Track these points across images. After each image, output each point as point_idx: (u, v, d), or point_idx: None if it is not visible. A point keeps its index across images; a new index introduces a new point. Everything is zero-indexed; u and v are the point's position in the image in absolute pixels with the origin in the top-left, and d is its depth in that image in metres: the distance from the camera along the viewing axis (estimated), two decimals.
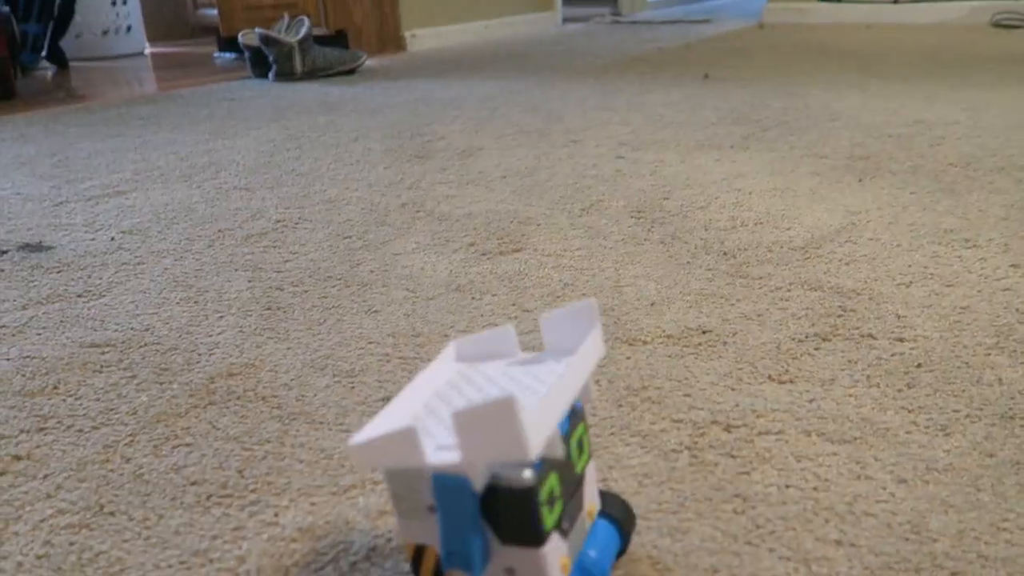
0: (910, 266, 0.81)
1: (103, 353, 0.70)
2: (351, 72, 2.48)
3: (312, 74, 2.41)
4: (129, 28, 3.64)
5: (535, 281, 0.81)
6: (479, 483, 0.34)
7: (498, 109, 1.76)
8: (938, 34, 2.84)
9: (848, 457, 0.52)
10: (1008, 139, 1.29)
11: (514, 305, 0.76)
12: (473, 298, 0.78)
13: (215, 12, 3.01)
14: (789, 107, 1.63)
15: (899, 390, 0.59)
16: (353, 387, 0.63)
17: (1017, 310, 0.70)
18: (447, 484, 0.34)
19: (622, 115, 1.62)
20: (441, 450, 0.35)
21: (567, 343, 0.41)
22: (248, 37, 2.45)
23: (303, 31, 2.36)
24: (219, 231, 1.01)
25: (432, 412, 0.39)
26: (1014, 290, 0.74)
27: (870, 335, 0.67)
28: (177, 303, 0.80)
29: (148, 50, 3.83)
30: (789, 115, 1.56)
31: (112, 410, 0.61)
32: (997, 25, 2.95)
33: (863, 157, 1.22)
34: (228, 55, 3.26)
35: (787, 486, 0.49)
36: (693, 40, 3.00)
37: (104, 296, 0.83)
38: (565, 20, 4.23)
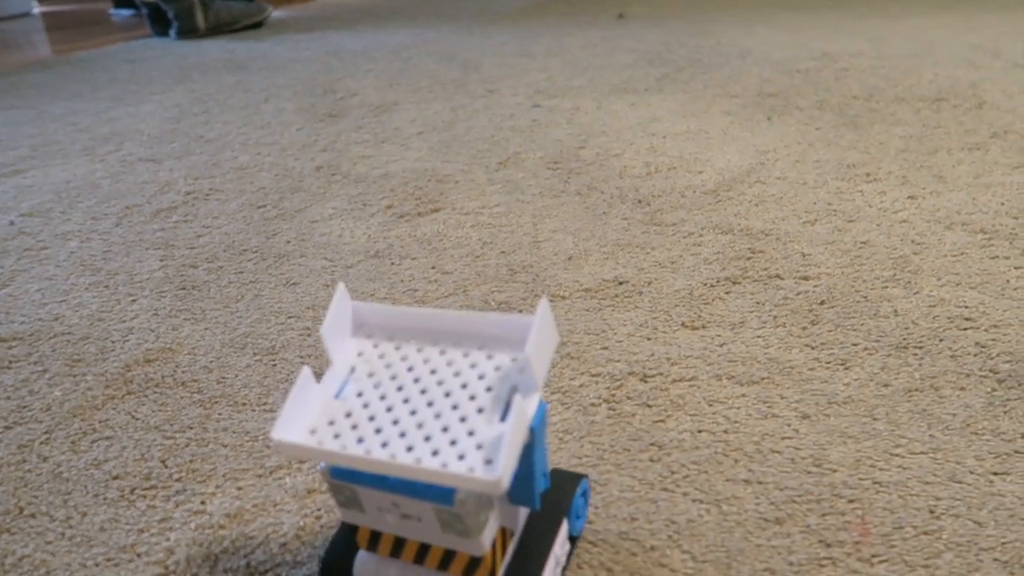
0: (815, 204, 0.84)
1: (10, 348, 0.68)
2: (258, 26, 2.39)
3: (216, 30, 2.30)
4: None
5: (454, 242, 0.81)
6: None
7: (412, 59, 1.72)
8: None
9: (756, 398, 0.54)
10: (908, 69, 1.34)
11: (434, 268, 0.76)
12: (392, 263, 0.78)
13: None
14: (703, 45, 1.64)
15: (803, 328, 0.62)
16: (275, 364, 0.62)
17: (913, 241, 0.74)
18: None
19: (540, 61, 1.61)
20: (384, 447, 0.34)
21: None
22: None
23: None
24: (126, 208, 0.98)
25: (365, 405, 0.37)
26: (910, 222, 0.78)
27: (777, 275, 0.70)
28: (86, 289, 0.77)
29: (37, 9, 3.59)
30: (702, 53, 1.57)
31: (25, 407, 0.59)
32: None
33: (772, 94, 1.25)
34: (125, 11, 3.08)
35: (699, 431, 0.51)
36: None
37: (7, 286, 0.79)
38: None
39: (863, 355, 0.58)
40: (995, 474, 0.46)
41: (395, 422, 0.35)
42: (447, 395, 0.36)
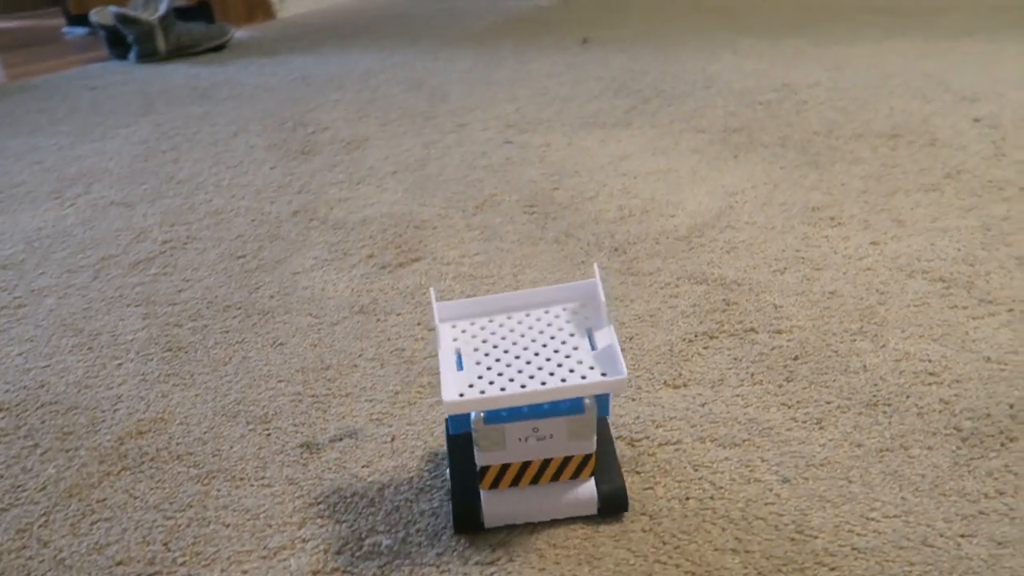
0: (783, 250, 0.87)
1: None
2: (220, 48, 2.37)
3: (177, 53, 2.28)
4: None
5: (437, 295, 0.83)
6: None
7: (380, 88, 1.73)
8: None
9: (738, 461, 0.57)
10: (864, 101, 1.39)
11: (419, 325, 0.77)
12: (378, 320, 0.79)
13: None
14: (667, 73, 1.68)
15: (779, 385, 0.65)
16: (269, 434, 0.63)
17: (877, 290, 0.78)
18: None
19: (507, 90, 1.63)
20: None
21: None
22: (102, 16, 2.28)
23: (163, 7, 2.22)
24: (102, 259, 0.97)
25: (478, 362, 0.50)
26: (874, 269, 0.82)
27: (752, 329, 0.73)
28: (70, 351, 0.77)
29: None
30: (667, 82, 1.61)
31: (20, 487, 0.59)
32: None
33: (737, 129, 1.29)
34: (80, 29, 3.03)
35: (687, 498, 0.54)
36: None
37: None
38: None
39: (836, 413, 0.61)
40: (963, 536, 0.50)
41: (519, 371, 0.49)
42: (541, 343, 0.51)
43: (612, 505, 0.52)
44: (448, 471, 0.55)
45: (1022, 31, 1.86)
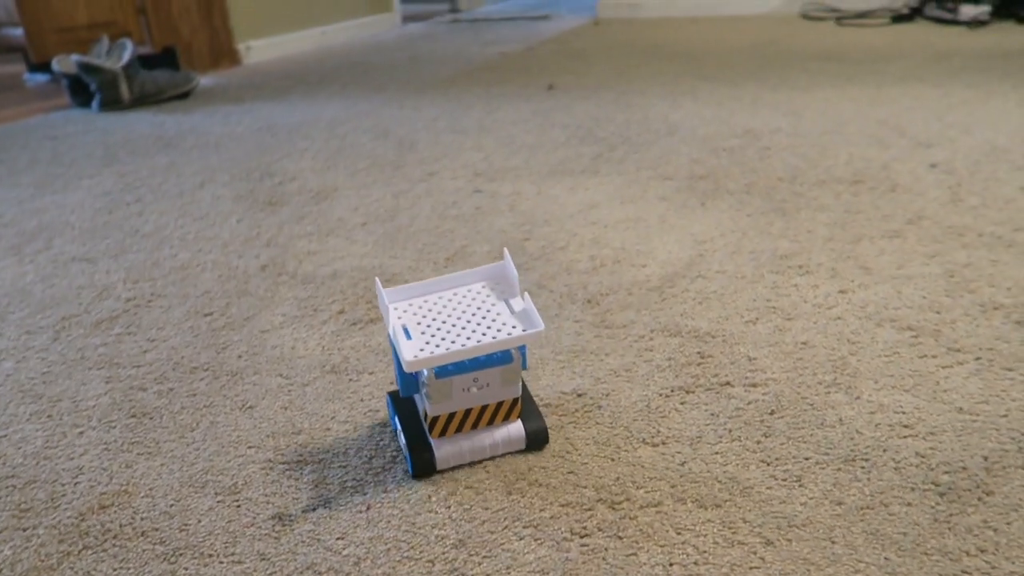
0: (755, 300, 0.88)
1: None
2: (185, 96, 2.35)
3: (141, 101, 2.26)
4: None
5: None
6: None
7: (348, 136, 1.73)
8: (757, 27, 3.05)
9: (721, 523, 0.56)
10: (824, 148, 1.42)
11: (392, 384, 0.76)
12: (351, 380, 0.77)
13: (20, 31, 2.75)
14: (632, 120, 1.71)
15: (757, 441, 0.65)
16: (239, 506, 0.61)
17: (848, 340, 0.79)
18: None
19: (474, 138, 1.64)
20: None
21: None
22: (64, 64, 2.26)
23: (127, 55, 2.21)
24: (63, 319, 0.95)
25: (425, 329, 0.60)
26: (844, 319, 0.83)
27: (727, 383, 0.73)
28: (28, 420, 0.74)
29: None
30: (632, 130, 1.63)
31: None
32: (805, 16, 3.20)
33: (703, 176, 1.31)
34: (41, 76, 2.99)
35: (671, 564, 0.53)
36: (534, 42, 3.06)
37: None
38: (404, 19, 4.19)
39: (815, 469, 0.61)
40: None
41: (457, 335, 0.59)
42: (471, 312, 0.61)
43: (537, 441, 0.65)
44: (400, 432, 0.65)
45: (968, 77, 1.93)
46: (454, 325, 0.60)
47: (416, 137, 1.68)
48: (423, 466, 0.62)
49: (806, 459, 0.62)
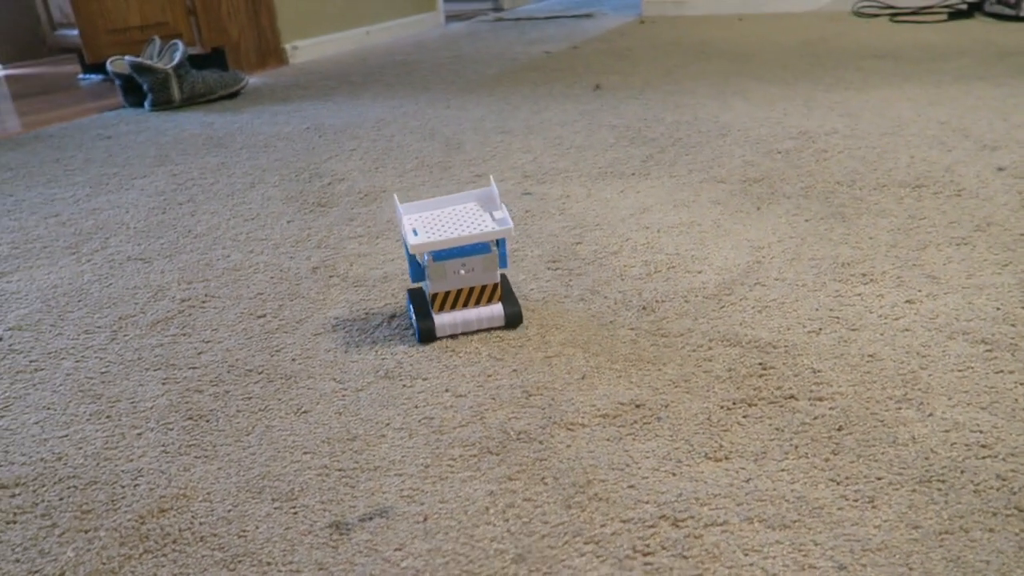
0: (816, 310, 0.85)
1: (13, 496, 0.65)
2: (234, 96, 2.38)
3: (192, 100, 2.29)
4: None
5: (464, 358, 0.81)
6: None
7: (395, 137, 1.73)
8: (806, 25, 2.98)
9: (790, 545, 0.54)
10: (884, 150, 1.38)
11: (447, 391, 0.75)
12: (404, 385, 0.77)
13: (75, 32, 2.81)
14: (681, 121, 1.68)
15: (825, 459, 0.62)
16: (296, 512, 0.61)
17: (918, 353, 0.76)
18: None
19: (521, 139, 1.63)
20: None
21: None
22: (117, 65, 2.30)
23: (178, 56, 2.24)
24: (120, 318, 0.96)
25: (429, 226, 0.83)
26: (912, 331, 0.80)
27: (791, 396, 0.71)
28: (88, 420, 0.75)
29: (1, 72, 3.55)
30: (682, 131, 1.60)
31: (37, 572, 0.57)
32: (857, 13, 3.13)
33: (757, 180, 1.28)
34: (95, 77, 3.06)
35: None
36: (579, 41, 3.03)
37: (3, 417, 0.77)
38: (448, 19, 4.19)
39: (889, 490, 0.59)
40: None
41: (451, 232, 0.80)
42: (462, 219, 0.83)
43: (513, 320, 0.86)
44: (411, 312, 0.86)
45: None
46: (449, 227, 0.82)
47: (463, 138, 1.68)
48: (426, 332, 0.83)
49: (878, 479, 0.60)
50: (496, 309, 0.85)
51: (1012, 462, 0.60)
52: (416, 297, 0.87)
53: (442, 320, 0.83)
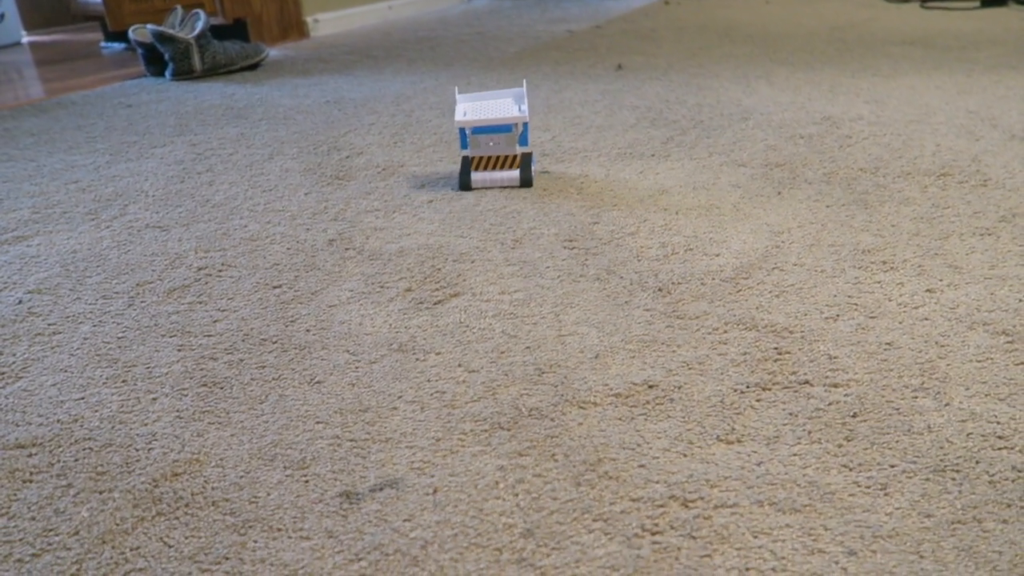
0: (835, 296, 0.84)
1: (31, 455, 0.66)
2: (254, 67, 2.38)
3: (213, 71, 2.29)
4: (2, 16, 3.37)
5: (477, 334, 0.81)
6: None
7: (414, 113, 1.72)
8: (835, 9, 2.93)
9: (800, 529, 0.54)
10: (910, 137, 1.36)
11: (460, 366, 0.75)
12: (418, 359, 0.77)
13: (99, 1, 2.82)
14: (703, 104, 1.66)
15: (839, 445, 0.62)
16: (307, 481, 0.61)
17: (936, 343, 0.75)
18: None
19: (541, 117, 1.62)
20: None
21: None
22: (140, 33, 2.30)
23: (200, 26, 2.24)
24: (137, 285, 0.96)
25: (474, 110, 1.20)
26: (931, 320, 0.79)
27: (806, 381, 0.70)
28: (104, 383, 0.76)
29: (26, 39, 3.56)
30: (704, 113, 1.59)
31: (52, 530, 0.57)
32: None
33: (779, 164, 1.26)
34: (117, 45, 3.07)
35: (747, 568, 0.51)
36: (602, 20, 3.00)
37: (21, 379, 0.78)
38: None
39: (902, 478, 0.58)
40: None
41: (487, 115, 1.16)
42: (497, 107, 1.19)
43: (525, 182, 1.20)
44: (460, 173, 1.21)
45: None
46: (487, 112, 1.17)
47: None
48: (465, 181, 1.20)
49: (892, 466, 0.59)
50: (514, 173, 1.20)
51: None
52: (464, 162, 1.22)
53: (476, 176, 1.20)
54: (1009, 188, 1.11)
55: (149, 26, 2.20)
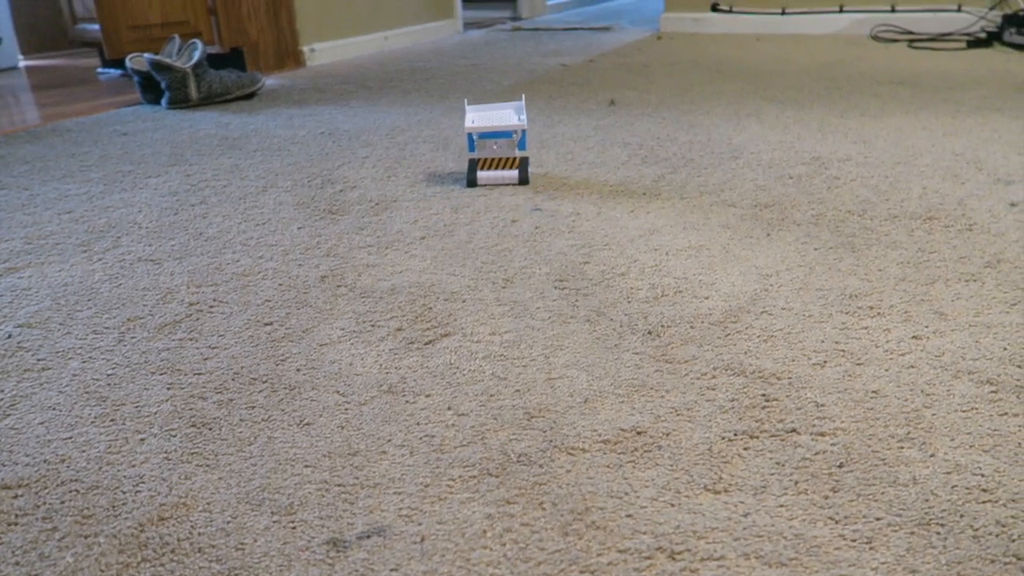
0: (822, 341, 0.85)
1: (16, 497, 0.66)
2: (250, 96, 2.40)
3: (209, 100, 2.31)
4: (0, 40, 3.39)
5: (467, 376, 0.81)
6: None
7: (408, 146, 1.74)
8: (824, 48, 2.98)
9: None
10: (897, 179, 1.38)
11: (450, 409, 0.75)
12: (408, 401, 0.77)
13: (96, 27, 2.84)
14: (694, 141, 1.68)
15: (825, 496, 0.62)
16: (294, 527, 0.61)
17: (922, 391, 0.76)
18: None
19: (534, 153, 1.63)
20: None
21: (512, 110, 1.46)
22: (137, 61, 2.32)
23: (197, 55, 2.26)
24: (128, 320, 0.96)
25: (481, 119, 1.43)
26: (917, 368, 0.80)
27: (794, 429, 0.71)
28: (92, 422, 0.76)
29: (23, 63, 3.58)
30: (695, 151, 1.61)
31: (36, 575, 0.57)
32: (876, 38, 3.13)
33: (768, 205, 1.28)
34: (114, 71, 3.09)
35: None
36: (596, 54, 3.04)
37: (8, 416, 0.77)
38: (466, 26, 4.21)
39: (887, 531, 0.58)
40: None
41: (491, 123, 1.39)
42: (499, 116, 1.41)
43: (523, 181, 1.40)
44: (467, 169, 1.44)
45: None
46: (491, 120, 1.40)
47: None
48: (472, 178, 1.42)
49: (877, 519, 0.60)
50: (514, 173, 1.41)
51: (1012, 508, 0.60)
52: (471, 163, 1.42)
53: (481, 175, 1.41)
54: (994, 233, 1.13)
55: (146, 55, 2.22)
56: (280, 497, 0.64)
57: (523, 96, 1.48)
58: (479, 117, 1.41)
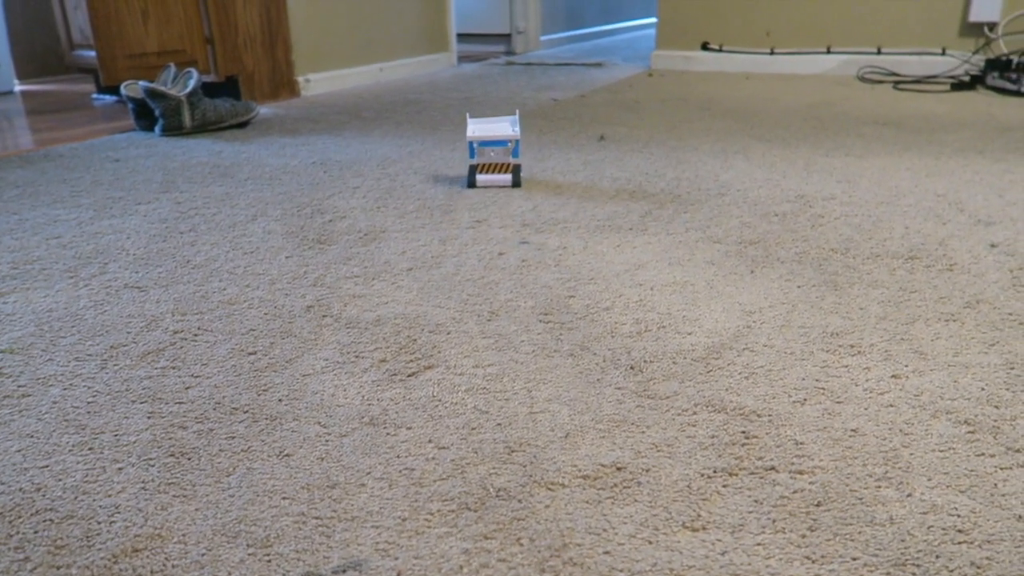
0: (803, 379, 0.86)
1: None
2: (244, 125, 2.42)
3: (202, 128, 2.32)
4: None
5: (449, 409, 0.81)
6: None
7: (399, 177, 1.75)
8: (811, 87, 3.03)
9: None
10: (879, 219, 1.40)
11: (431, 442, 0.75)
12: (389, 434, 0.77)
13: (93, 54, 2.86)
14: (682, 177, 1.70)
15: (802, 535, 0.62)
16: (269, 560, 0.61)
17: (901, 431, 0.76)
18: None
19: (524, 187, 1.65)
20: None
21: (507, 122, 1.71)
22: (131, 89, 2.34)
23: (191, 84, 2.28)
24: (111, 347, 0.96)
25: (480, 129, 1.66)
26: (896, 407, 0.80)
27: (773, 467, 0.71)
28: (70, 451, 0.75)
29: (18, 87, 3.60)
30: (682, 187, 1.62)
31: None
32: (862, 79, 3.18)
33: (753, 242, 1.29)
34: (109, 97, 3.11)
35: None
36: (587, 90, 3.08)
37: None
38: (460, 59, 4.26)
39: (863, 572, 0.59)
40: None
41: (489, 132, 1.63)
42: (499, 128, 1.64)
43: (516, 184, 1.64)
44: (468, 173, 1.67)
45: None
46: (489, 130, 1.60)
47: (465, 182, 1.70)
48: (471, 181, 1.64)
49: (854, 559, 0.60)
50: (507, 176, 1.63)
51: (988, 549, 0.60)
52: (471, 168, 1.64)
53: (479, 178, 1.63)
54: (974, 274, 1.14)
55: (141, 83, 2.23)
56: (257, 529, 0.64)
57: (517, 111, 1.75)
58: (479, 128, 1.62)
